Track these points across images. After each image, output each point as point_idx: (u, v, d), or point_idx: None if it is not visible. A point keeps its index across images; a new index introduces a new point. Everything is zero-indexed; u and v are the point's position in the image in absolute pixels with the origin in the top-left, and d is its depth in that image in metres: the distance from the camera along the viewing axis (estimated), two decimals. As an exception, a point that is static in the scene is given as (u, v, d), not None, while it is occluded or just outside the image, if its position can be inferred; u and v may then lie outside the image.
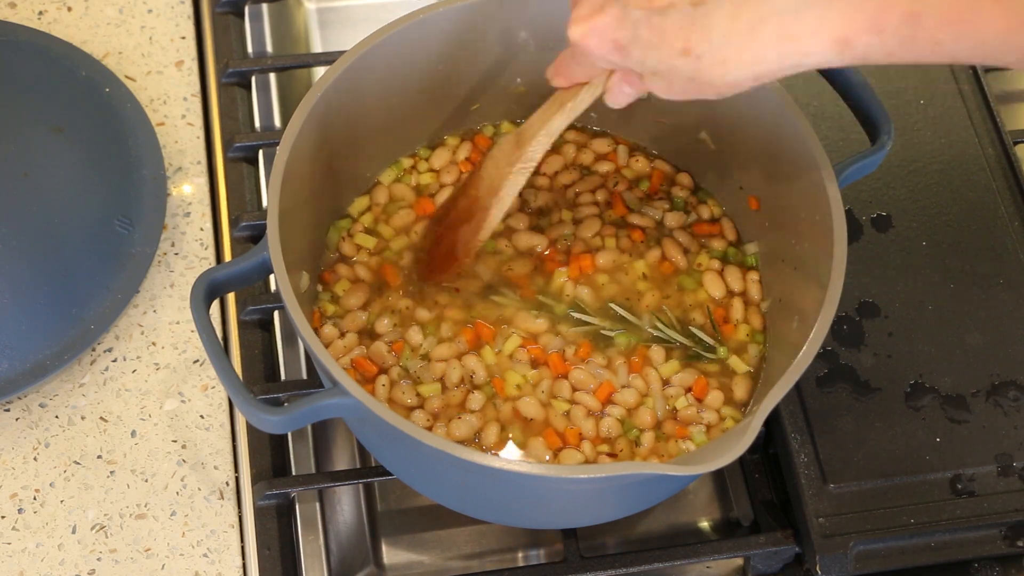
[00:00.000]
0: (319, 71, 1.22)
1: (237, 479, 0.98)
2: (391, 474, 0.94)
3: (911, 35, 0.68)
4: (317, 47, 1.30)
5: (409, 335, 0.94)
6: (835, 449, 0.95)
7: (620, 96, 0.80)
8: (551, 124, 0.86)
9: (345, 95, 0.93)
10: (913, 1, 0.67)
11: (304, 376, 1.04)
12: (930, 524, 0.93)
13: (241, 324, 1.04)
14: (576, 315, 0.96)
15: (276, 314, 1.05)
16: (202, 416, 1.00)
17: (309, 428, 1.03)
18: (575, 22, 0.76)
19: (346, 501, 1.02)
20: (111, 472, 0.97)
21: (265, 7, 1.23)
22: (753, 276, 0.99)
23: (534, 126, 0.88)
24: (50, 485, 0.96)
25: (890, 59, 0.70)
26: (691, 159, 1.04)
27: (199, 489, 0.97)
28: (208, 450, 0.98)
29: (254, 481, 0.97)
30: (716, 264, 0.99)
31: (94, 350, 1.02)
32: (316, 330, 0.94)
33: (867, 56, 0.70)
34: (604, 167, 1.04)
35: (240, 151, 1.11)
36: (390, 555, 1.01)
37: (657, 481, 0.86)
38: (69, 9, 1.18)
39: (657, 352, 0.95)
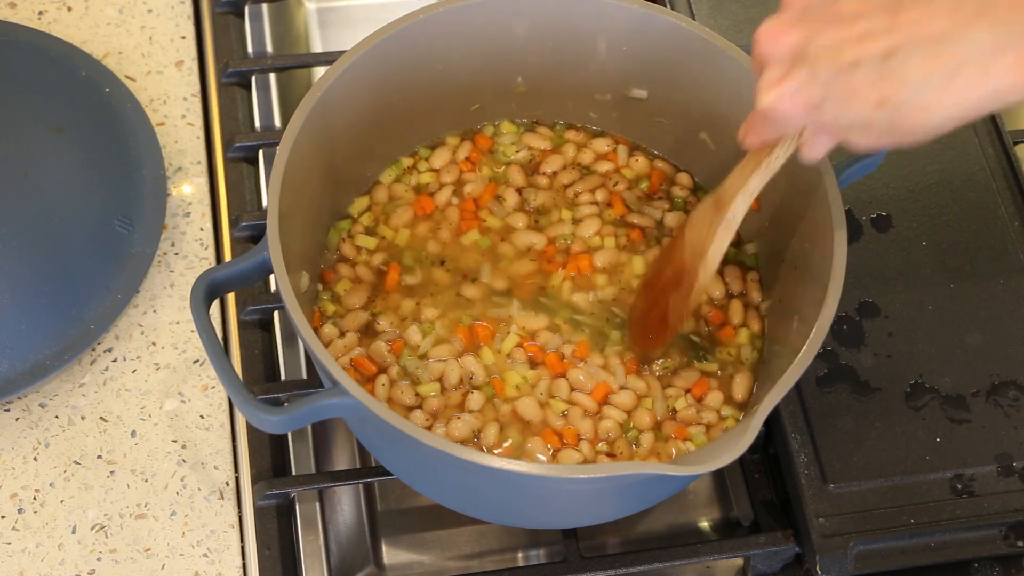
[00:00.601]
0: (319, 71, 1.22)
1: (237, 479, 0.98)
2: (391, 474, 0.94)
3: None
4: (317, 47, 1.30)
5: (408, 334, 0.94)
6: (835, 449, 0.95)
7: (816, 150, 0.79)
8: (749, 184, 0.85)
9: (345, 95, 0.93)
10: None
11: (304, 376, 1.04)
12: (930, 524, 0.93)
13: (241, 324, 1.04)
14: (574, 315, 0.96)
15: (276, 314, 1.05)
16: (202, 416, 1.00)
17: (309, 428, 1.03)
18: (765, 89, 0.75)
19: (346, 501, 1.02)
20: (111, 472, 0.97)
21: (265, 7, 1.23)
22: (753, 276, 0.99)
23: (732, 187, 0.86)
24: (50, 485, 0.96)
25: None
26: (691, 159, 1.04)
27: (199, 489, 0.97)
28: (208, 450, 0.98)
29: (254, 481, 0.97)
30: (716, 264, 0.99)
31: (94, 350, 1.02)
32: (316, 330, 0.94)
33: None
34: (604, 167, 1.04)
35: (240, 151, 1.11)
36: (390, 555, 1.01)
37: (657, 481, 0.86)
38: (69, 9, 1.18)
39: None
